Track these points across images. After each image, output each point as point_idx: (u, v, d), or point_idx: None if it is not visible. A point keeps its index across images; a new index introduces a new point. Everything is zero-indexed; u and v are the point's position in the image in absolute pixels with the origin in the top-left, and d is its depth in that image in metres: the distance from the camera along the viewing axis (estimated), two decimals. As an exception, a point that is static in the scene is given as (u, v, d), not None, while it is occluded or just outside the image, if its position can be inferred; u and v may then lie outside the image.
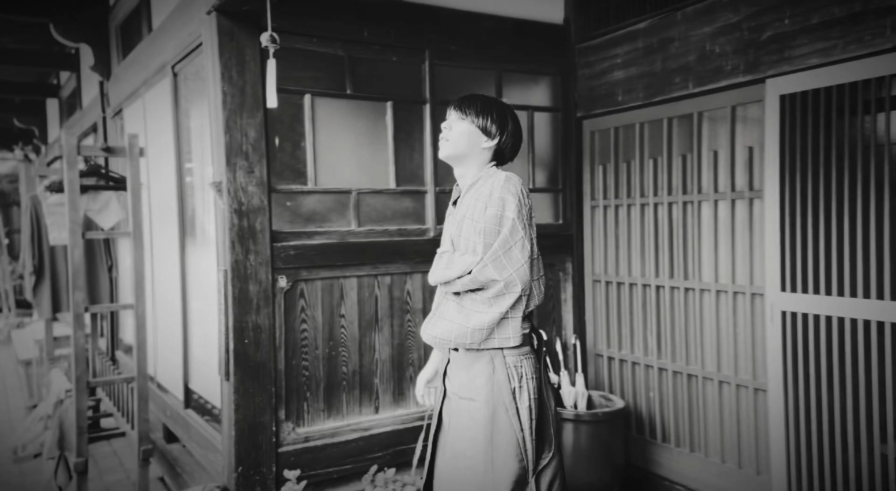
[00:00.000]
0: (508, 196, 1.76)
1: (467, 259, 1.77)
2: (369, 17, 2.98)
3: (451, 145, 1.87)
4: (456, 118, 1.88)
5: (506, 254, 1.72)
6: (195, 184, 3.46)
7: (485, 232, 1.75)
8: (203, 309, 3.35)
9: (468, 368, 1.82)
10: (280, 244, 2.87)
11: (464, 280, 1.76)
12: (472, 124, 1.86)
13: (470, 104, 1.88)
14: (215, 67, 2.70)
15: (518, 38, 3.35)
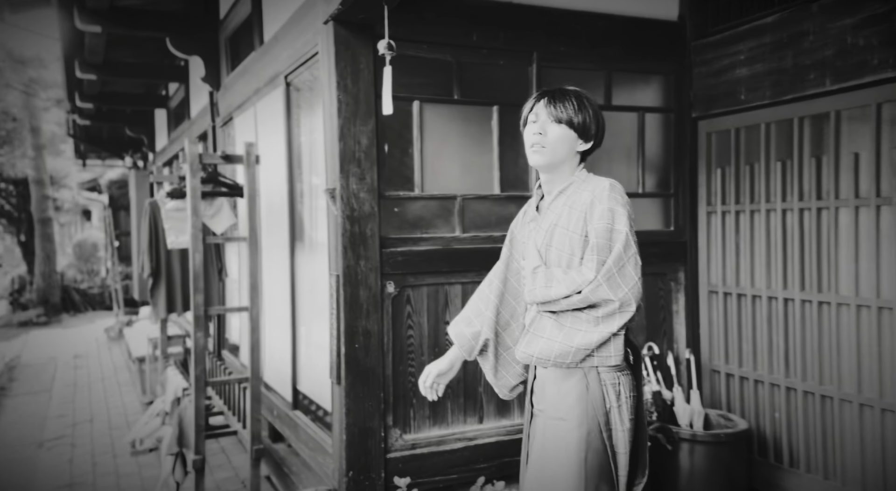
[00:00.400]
0: (618, 207, 1.64)
1: (574, 277, 1.63)
2: (479, 22, 2.95)
3: (549, 153, 1.71)
4: (550, 120, 1.71)
5: (620, 271, 1.60)
6: (304, 190, 3.54)
7: (597, 248, 1.62)
8: (311, 312, 3.42)
9: (558, 385, 1.68)
10: (388, 250, 2.88)
11: (572, 300, 1.62)
12: (569, 127, 1.70)
13: (564, 103, 1.71)
14: (331, 76, 2.74)
15: (629, 37, 3.23)
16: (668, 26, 3.32)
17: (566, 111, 1.71)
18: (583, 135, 1.73)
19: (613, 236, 1.62)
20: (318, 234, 3.36)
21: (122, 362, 7.46)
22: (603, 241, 1.62)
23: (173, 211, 3.91)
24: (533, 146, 1.73)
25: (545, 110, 1.72)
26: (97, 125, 9.13)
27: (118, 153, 11.22)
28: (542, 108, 1.73)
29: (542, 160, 1.73)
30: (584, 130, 1.73)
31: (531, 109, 1.76)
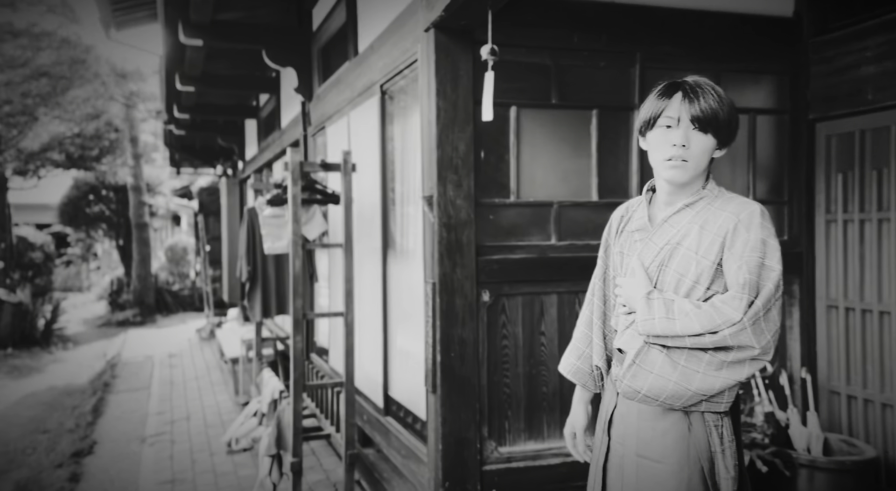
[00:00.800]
0: (771, 239, 1.42)
1: (711, 314, 1.39)
2: (581, 23, 2.87)
3: (692, 169, 1.47)
4: (694, 128, 1.44)
5: (766, 315, 1.39)
6: (396, 198, 3.56)
7: (748, 285, 1.39)
8: (402, 319, 3.42)
9: (652, 423, 1.49)
10: (484, 258, 2.84)
11: (702, 340, 1.40)
12: (714, 135, 1.45)
13: (710, 103, 1.43)
14: (430, 83, 2.74)
15: (739, 36, 3.06)
16: (782, 23, 3.13)
17: (712, 116, 1.43)
18: (722, 141, 1.49)
19: (764, 273, 1.40)
20: (410, 241, 3.36)
21: (214, 362, 7.78)
22: (753, 278, 1.39)
23: (270, 218, 4.02)
24: (672, 159, 1.45)
25: (686, 112, 1.44)
26: (191, 135, 9.60)
27: (209, 162, 11.77)
28: (683, 108, 1.44)
29: (683, 177, 1.47)
30: (727, 137, 1.49)
31: (663, 109, 1.47)
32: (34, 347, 9.49)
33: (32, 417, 5.84)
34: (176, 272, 14.80)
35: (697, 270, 1.46)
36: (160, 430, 4.99)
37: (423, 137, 2.87)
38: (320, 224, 4.19)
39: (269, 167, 7.39)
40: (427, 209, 2.83)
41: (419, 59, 2.86)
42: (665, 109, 1.48)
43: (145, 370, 7.57)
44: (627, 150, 3.02)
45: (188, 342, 9.55)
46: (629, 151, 3.02)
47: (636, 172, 3.04)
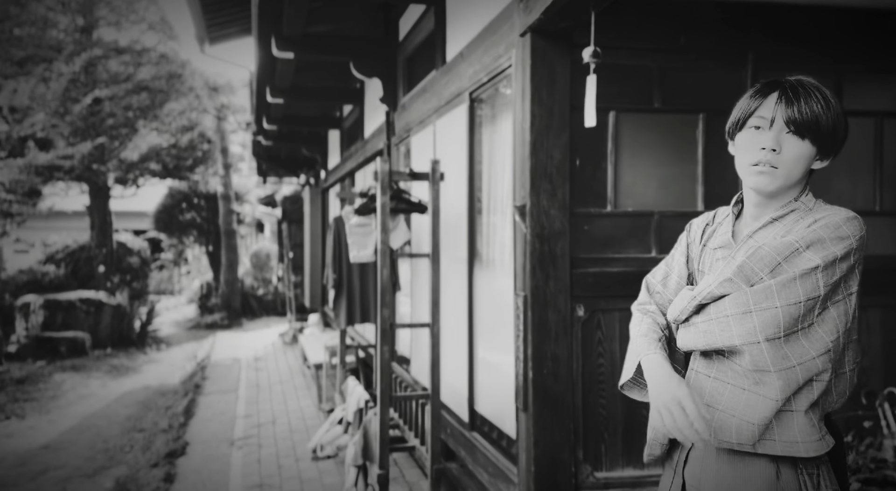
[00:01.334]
0: (831, 242, 1.26)
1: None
2: (688, 23, 2.71)
3: (782, 177, 1.28)
4: (788, 132, 1.27)
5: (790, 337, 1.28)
6: (484, 207, 3.48)
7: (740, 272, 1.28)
8: (489, 332, 3.33)
9: (735, 465, 1.30)
10: (578, 271, 2.72)
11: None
12: (813, 142, 1.27)
13: (811, 105, 1.25)
14: (525, 89, 2.65)
15: (862, 33, 2.81)
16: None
17: (812, 119, 1.24)
18: (824, 151, 1.30)
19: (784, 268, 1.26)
20: (497, 252, 3.27)
21: (297, 367, 7.95)
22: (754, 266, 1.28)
23: (356, 227, 4.04)
24: (759, 164, 1.28)
25: (781, 113, 1.26)
26: (277, 145, 9.93)
27: (293, 171, 12.14)
28: (778, 109, 1.27)
29: (770, 186, 1.29)
30: (830, 146, 1.29)
31: (755, 109, 1.30)
32: (130, 347, 10.03)
33: (129, 416, 6.13)
34: (260, 278, 15.35)
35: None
36: (248, 433, 5.11)
37: (515, 145, 2.78)
38: (404, 233, 4.18)
39: (351, 177, 7.51)
40: (519, 219, 2.74)
41: (513, 64, 2.78)
42: (758, 109, 1.31)
43: (233, 373, 7.82)
44: (736, 156, 2.82)
45: (272, 346, 9.83)
46: (738, 158, 2.82)
47: (745, 181, 2.84)
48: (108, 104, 10.39)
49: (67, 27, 10.45)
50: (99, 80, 10.33)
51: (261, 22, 4.57)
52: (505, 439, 3.12)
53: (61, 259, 11.47)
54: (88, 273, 11.32)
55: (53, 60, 9.66)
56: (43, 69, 9.44)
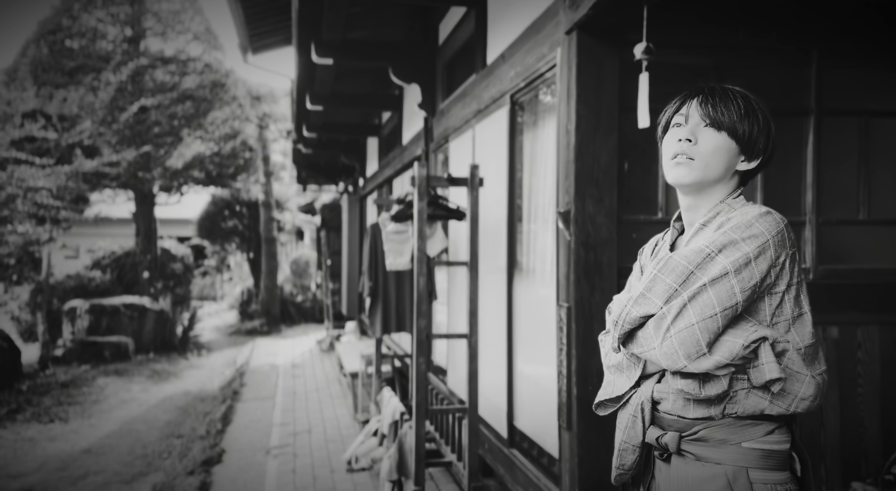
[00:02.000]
0: (744, 243, 1.20)
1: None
2: (747, 18, 2.54)
3: (699, 168, 1.27)
4: (703, 125, 1.28)
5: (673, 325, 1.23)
6: (524, 214, 3.35)
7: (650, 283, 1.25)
8: (530, 344, 3.19)
9: (694, 469, 1.24)
10: (625, 281, 2.55)
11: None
12: (731, 136, 1.26)
13: (727, 103, 1.27)
14: (571, 89, 2.52)
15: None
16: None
17: (728, 114, 1.26)
18: (747, 149, 1.28)
19: (690, 280, 1.21)
20: (538, 261, 3.14)
21: (333, 375, 7.91)
22: (662, 276, 1.24)
23: (393, 234, 3.96)
24: (676, 157, 1.28)
25: (698, 111, 1.28)
26: (317, 153, 9.98)
27: (332, 179, 12.20)
28: (695, 108, 1.29)
29: (687, 177, 1.28)
30: (750, 143, 1.28)
31: (677, 110, 1.33)
32: (172, 352, 10.17)
33: (169, 421, 6.17)
34: (299, 285, 15.47)
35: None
36: (284, 442, 5.06)
37: (559, 148, 2.65)
38: (441, 240, 4.07)
39: (389, 184, 7.46)
40: (562, 226, 2.60)
41: (558, 64, 2.65)
42: (679, 110, 1.33)
43: (271, 379, 7.83)
44: (800, 161, 2.64)
45: (309, 353, 9.84)
46: (802, 163, 2.64)
47: (811, 187, 2.65)
48: (154, 113, 10.62)
49: (116, 38, 10.75)
50: (145, 90, 10.57)
51: (300, 27, 4.55)
52: (545, 457, 2.96)
53: (107, 265, 11.74)
54: (133, 279, 11.56)
55: (102, 70, 9.93)
56: (91, 79, 9.72)
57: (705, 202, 1.31)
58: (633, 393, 1.33)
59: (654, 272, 1.23)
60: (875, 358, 2.67)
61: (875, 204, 2.72)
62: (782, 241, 1.20)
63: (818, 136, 2.64)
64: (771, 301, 1.21)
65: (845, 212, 2.72)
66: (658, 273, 1.23)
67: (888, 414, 2.67)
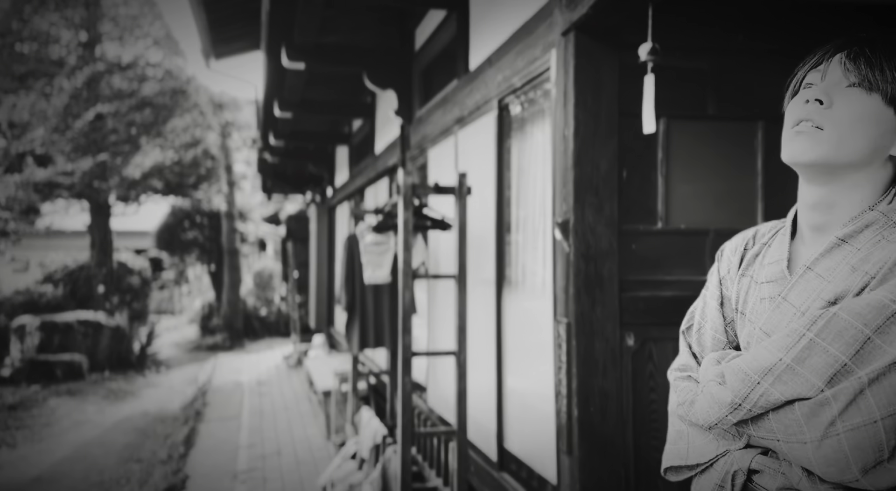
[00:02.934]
0: None
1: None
2: (749, 20, 2.46)
3: (829, 141, 0.90)
4: (845, 83, 0.91)
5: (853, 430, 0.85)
6: (513, 223, 3.21)
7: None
8: (520, 361, 3.04)
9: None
10: (627, 295, 2.43)
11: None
12: (887, 104, 0.89)
13: (886, 58, 0.90)
14: (568, 92, 2.39)
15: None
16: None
17: (883, 70, 0.89)
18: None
19: (869, 349, 0.83)
20: (528, 273, 2.99)
21: (303, 392, 7.62)
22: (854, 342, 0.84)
23: (372, 245, 3.77)
24: (799, 124, 0.92)
25: (841, 66, 0.92)
26: (283, 162, 9.70)
27: (299, 188, 11.90)
28: (837, 63, 0.93)
29: (808, 153, 0.91)
30: None
31: (814, 66, 0.98)
32: (129, 370, 9.71)
33: (127, 444, 5.81)
34: (263, 297, 15.05)
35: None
36: (252, 465, 4.79)
37: (555, 155, 2.51)
38: (422, 252, 3.90)
39: (360, 194, 7.25)
40: (561, 236, 2.46)
41: (553, 67, 2.52)
42: (818, 64, 0.97)
43: (235, 397, 7.50)
44: (802, 168, 2.55)
45: (276, 369, 9.50)
46: (804, 170, 2.55)
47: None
48: (111, 120, 10.20)
49: (70, 42, 10.31)
50: (101, 96, 10.15)
51: (270, 30, 4.34)
52: (536, 479, 2.80)
53: (59, 279, 11.19)
54: (87, 293, 11.03)
55: (55, 76, 9.49)
56: (44, 84, 9.27)
57: (843, 200, 0.92)
58: (720, 457, 0.97)
59: (810, 335, 0.85)
60: None
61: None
62: None
63: (818, 143, 2.56)
64: None
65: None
66: (815, 337, 0.85)
67: None
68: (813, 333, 0.85)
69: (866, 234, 0.90)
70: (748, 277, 1.05)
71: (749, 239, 1.13)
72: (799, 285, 0.93)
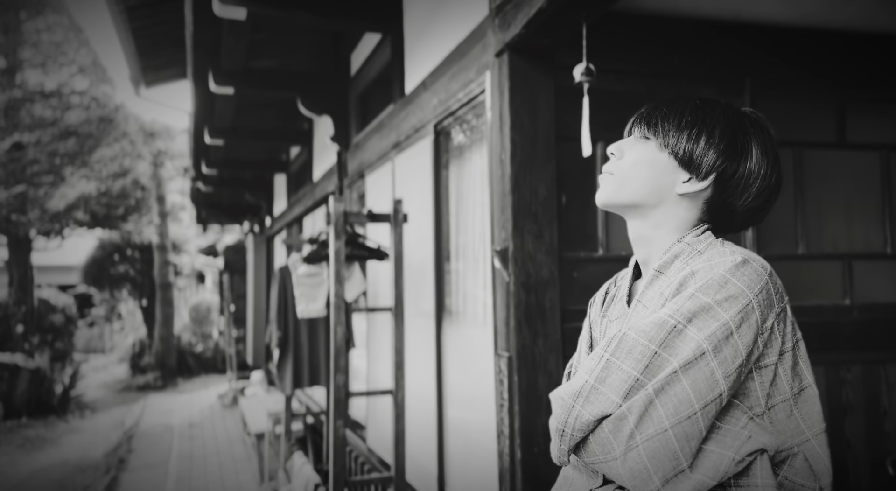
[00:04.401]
0: (721, 309, 0.90)
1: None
2: (681, 44, 2.43)
3: (614, 183, 1.04)
4: (632, 138, 1.06)
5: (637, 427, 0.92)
6: (452, 252, 3.07)
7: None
8: (461, 399, 2.87)
9: None
10: (569, 326, 2.32)
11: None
12: (662, 148, 1.01)
13: (666, 111, 1.02)
14: (504, 115, 2.29)
15: (868, 58, 2.59)
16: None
17: (662, 121, 1.01)
18: (687, 163, 1.00)
19: (662, 356, 0.90)
20: (470, 304, 2.86)
21: (237, 435, 7.20)
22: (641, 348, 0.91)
23: (305, 277, 3.56)
24: (600, 175, 1.08)
25: (634, 128, 1.07)
26: (219, 191, 9.36)
27: (236, 218, 11.52)
28: (632, 126, 1.08)
29: (600, 196, 1.05)
30: (689, 155, 0.99)
31: (628, 131, 1.12)
32: (50, 415, 9.01)
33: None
34: (199, 333, 14.38)
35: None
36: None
37: (493, 180, 2.40)
38: (360, 283, 3.71)
39: (299, 223, 7.01)
40: (500, 265, 2.34)
41: (487, 89, 2.42)
42: (630, 129, 1.12)
43: (164, 441, 7.01)
44: (740, 191, 2.52)
45: (210, 409, 8.99)
46: (742, 194, 2.52)
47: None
48: (32, 150, 9.61)
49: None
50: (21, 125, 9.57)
51: (196, 54, 4.13)
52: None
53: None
54: (5, 333, 10.25)
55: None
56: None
57: (654, 234, 1.03)
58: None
59: (606, 356, 0.92)
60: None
61: (811, 238, 2.65)
62: (768, 299, 0.90)
63: (754, 167, 2.54)
64: (762, 378, 0.91)
65: (784, 247, 2.63)
66: (611, 357, 0.91)
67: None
68: (609, 352, 0.92)
69: (676, 263, 1.00)
70: (607, 318, 1.12)
71: (611, 283, 1.20)
72: (633, 318, 1.01)
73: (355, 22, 3.75)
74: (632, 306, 1.03)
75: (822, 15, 2.55)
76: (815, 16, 2.54)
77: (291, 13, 3.40)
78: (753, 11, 2.49)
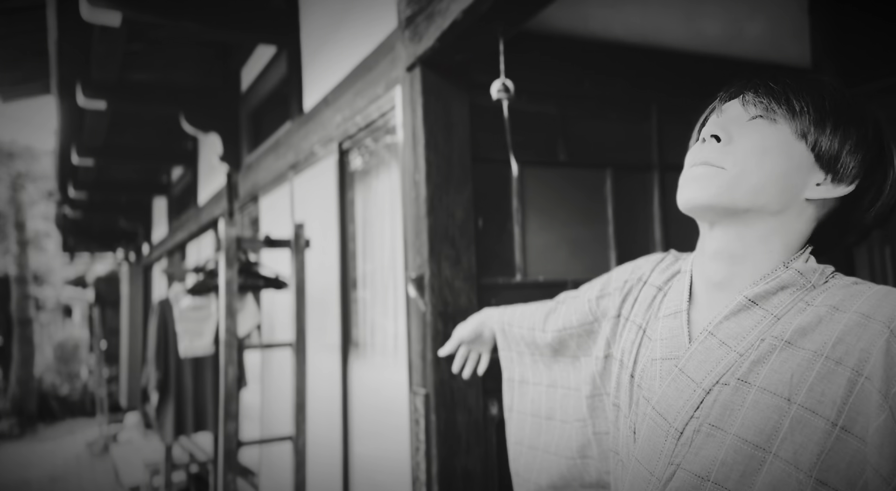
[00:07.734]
0: None
1: None
2: (592, 66, 2.40)
3: (728, 179, 0.75)
4: (747, 116, 0.78)
5: None
6: (359, 280, 2.86)
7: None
8: (370, 440, 2.64)
9: None
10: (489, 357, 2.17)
11: None
12: (799, 137, 0.75)
13: (796, 88, 0.77)
14: (417, 133, 2.13)
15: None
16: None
17: (797, 102, 0.75)
18: (831, 162, 0.75)
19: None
20: (380, 336, 2.65)
21: (108, 488, 6.41)
22: None
23: (189, 311, 3.19)
24: (694, 166, 0.78)
25: (739, 103, 0.80)
26: (89, 217, 8.50)
27: (109, 246, 10.55)
28: (735, 102, 0.81)
29: (701, 195, 0.76)
30: (836, 154, 0.75)
31: (711, 111, 0.86)
32: None
33: None
34: (65, 372, 12.94)
35: (808, 449, 0.65)
36: None
37: (406, 202, 2.23)
38: (253, 315, 3.38)
39: (181, 249, 6.46)
40: (416, 294, 2.16)
41: (398, 106, 2.26)
42: (718, 108, 0.84)
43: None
44: (648, 217, 2.51)
45: (76, 460, 8.01)
46: (650, 219, 2.51)
47: (659, 244, 2.52)
48: None
49: None
50: None
51: (61, 63, 3.67)
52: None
53: None
54: None
55: None
56: None
57: (753, 250, 0.76)
58: None
59: (732, 438, 0.69)
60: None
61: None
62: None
63: (663, 192, 2.55)
64: None
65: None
66: (735, 443, 0.70)
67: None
68: (735, 428, 0.69)
69: (781, 296, 0.74)
70: (636, 325, 0.90)
71: (647, 271, 0.97)
72: (698, 354, 0.76)
73: (247, 33, 3.48)
74: (699, 340, 0.76)
75: (716, 44, 2.63)
76: (710, 44, 2.62)
77: (175, 21, 3.09)
78: (659, 37, 2.52)
